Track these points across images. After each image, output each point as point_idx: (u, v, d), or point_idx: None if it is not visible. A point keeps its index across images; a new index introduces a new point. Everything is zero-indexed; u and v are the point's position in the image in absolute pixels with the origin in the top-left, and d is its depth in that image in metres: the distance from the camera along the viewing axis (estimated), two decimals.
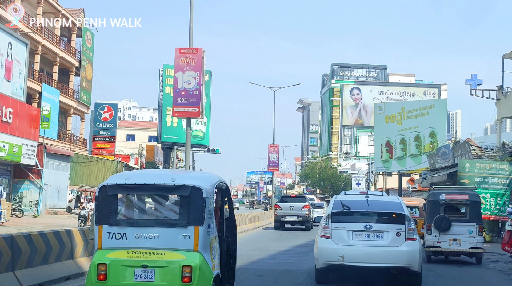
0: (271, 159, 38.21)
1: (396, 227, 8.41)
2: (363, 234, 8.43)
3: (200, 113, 14.18)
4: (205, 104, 55.46)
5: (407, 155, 49.63)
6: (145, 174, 6.61)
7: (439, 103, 49.41)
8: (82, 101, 38.33)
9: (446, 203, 12.73)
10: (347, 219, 8.68)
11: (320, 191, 75.76)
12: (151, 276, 5.56)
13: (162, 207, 6.02)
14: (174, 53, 13.55)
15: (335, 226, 8.54)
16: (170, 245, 5.66)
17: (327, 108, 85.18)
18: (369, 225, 8.45)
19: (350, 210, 8.73)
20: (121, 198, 5.91)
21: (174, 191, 5.83)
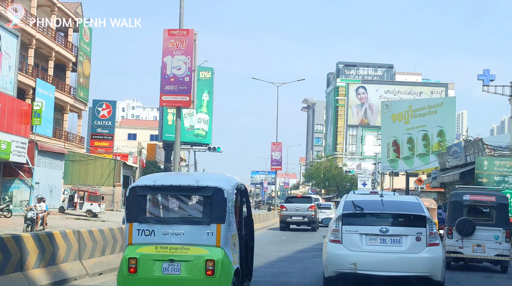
0: (274, 158, 36.74)
1: (415, 230, 7.56)
2: (378, 238, 7.58)
3: (191, 103, 12.70)
4: (207, 102, 55.01)
5: (415, 155, 48.26)
6: (171, 176, 7.12)
7: (448, 101, 47.98)
8: (79, 98, 37.13)
9: (470, 205, 11.65)
10: (360, 221, 7.81)
11: (325, 191, 74.49)
12: (177, 269, 6.04)
13: (186, 206, 6.47)
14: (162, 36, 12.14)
15: (346, 229, 7.68)
16: (194, 241, 6.14)
17: (332, 107, 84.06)
18: (385, 228, 7.59)
19: (363, 211, 7.87)
20: (149, 198, 6.35)
21: (197, 192, 6.31)
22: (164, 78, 12.15)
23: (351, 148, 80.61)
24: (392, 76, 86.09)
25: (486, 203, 11.68)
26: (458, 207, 11.56)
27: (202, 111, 53.70)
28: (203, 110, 53.74)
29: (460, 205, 11.57)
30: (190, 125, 53.38)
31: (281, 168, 37.04)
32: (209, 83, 53.81)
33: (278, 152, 36.13)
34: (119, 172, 35.52)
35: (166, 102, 12.32)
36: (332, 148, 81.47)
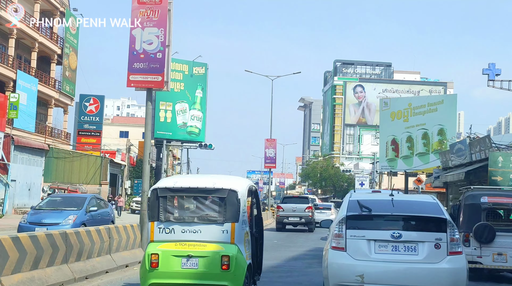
0: (268, 155, 35.00)
1: (434, 236, 6.45)
2: (389, 245, 6.47)
3: (164, 84, 10.91)
4: (200, 99, 53.41)
5: (414, 154, 46.76)
6: (190, 178, 7.62)
7: (448, 99, 46.40)
8: (65, 92, 35.41)
9: (489, 208, 10.41)
10: (367, 224, 6.68)
11: (322, 192, 73.15)
12: (195, 264, 6.56)
13: (203, 206, 6.90)
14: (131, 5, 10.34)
15: (351, 234, 6.57)
16: (210, 238, 6.67)
17: (329, 106, 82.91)
18: (398, 233, 6.45)
19: (372, 213, 6.72)
20: (169, 198, 6.88)
21: (214, 193, 6.85)
22: (132, 55, 10.36)
23: (348, 147, 79.51)
24: (390, 74, 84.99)
25: (508, 206, 10.56)
26: (475, 210, 10.30)
27: (195, 108, 52.13)
28: (197, 107, 52.17)
29: (478, 208, 10.31)
30: (183, 123, 51.81)
31: (275, 165, 35.38)
32: (202, 79, 52.25)
33: (272, 149, 34.44)
34: (106, 169, 33.88)
35: (134, 83, 10.52)
36: (329, 147, 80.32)
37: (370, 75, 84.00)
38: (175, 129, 50.98)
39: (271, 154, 34.56)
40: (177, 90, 51.15)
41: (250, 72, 39.37)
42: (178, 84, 51.14)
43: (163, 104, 50.51)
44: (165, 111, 50.66)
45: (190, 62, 51.34)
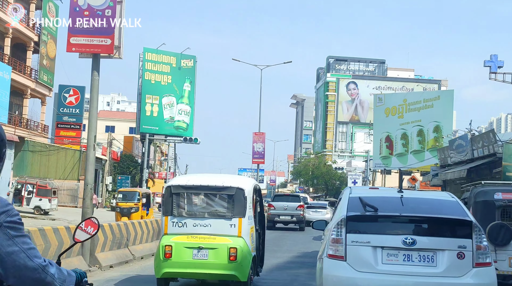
0: (256, 150, 33.02)
1: (457, 243, 5.26)
2: (400, 254, 5.25)
3: (115, 49, 8.87)
4: (188, 93, 51.45)
5: (409, 151, 45.40)
6: (201, 177, 8.21)
7: (445, 95, 44.95)
8: (42, 82, 33.40)
9: (504, 205, 9.09)
10: (372, 227, 5.49)
11: (314, 190, 71.65)
12: (205, 255, 7.29)
13: (213, 202, 7.67)
14: None
15: (352, 240, 5.35)
16: (219, 232, 7.45)
17: (322, 103, 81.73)
18: (411, 239, 5.21)
19: (378, 213, 5.44)
20: (182, 195, 7.64)
21: (223, 190, 7.68)
22: (74, 11, 8.41)
23: (341, 145, 78.28)
24: (384, 71, 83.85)
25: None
26: (488, 208, 9.05)
27: (183, 102, 50.19)
28: (184, 101, 50.22)
29: (491, 206, 9.06)
30: (170, 117, 49.86)
31: (263, 161, 33.54)
32: (191, 72, 50.30)
33: (260, 143, 32.56)
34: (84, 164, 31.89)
35: (77, 46, 8.52)
36: (321, 145, 79.13)
37: (364, 72, 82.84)
38: (162, 124, 49.04)
39: (259, 148, 32.65)
40: (164, 83, 49.24)
41: (238, 61, 37.49)
42: (165, 77, 49.22)
43: (149, 98, 48.55)
44: (152, 105, 48.69)
45: (178, 55, 49.42)
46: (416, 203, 5.75)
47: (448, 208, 5.61)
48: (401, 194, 5.82)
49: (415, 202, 5.76)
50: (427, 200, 5.97)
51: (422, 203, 5.84)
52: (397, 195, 5.78)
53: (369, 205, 5.41)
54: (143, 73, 48.24)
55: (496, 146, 21.12)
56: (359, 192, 6.12)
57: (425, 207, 5.69)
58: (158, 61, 48.90)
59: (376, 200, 5.63)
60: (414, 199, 5.87)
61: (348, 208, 5.52)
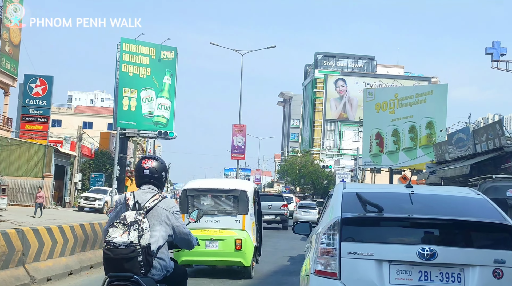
0: (236, 144, 30.29)
1: (492, 256, 3.82)
2: (415, 271, 3.82)
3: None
4: (169, 86, 48.70)
5: (400, 149, 43.26)
6: (211, 181, 10.03)
7: (438, 89, 42.69)
8: (4, 70, 30.60)
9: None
10: (376, 234, 3.99)
11: (300, 190, 69.48)
12: (216, 246, 8.86)
13: (221, 202, 9.27)
14: None
15: (349, 250, 3.91)
16: (227, 226, 9.04)
17: (310, 100, 79.91)
18: (430, 250, 3.79)
19: (384, 214, 3.98)
20: (196, 196, 9.30)
21: (229, 192, 9.33)
22: None
23: (329, 143, 76.43)
24: (373, 68, 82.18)
25: None
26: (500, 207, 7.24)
27: (163, 96, 47.55)
28: (165, 95, 47.59)
29: (503, 204, 8.14)
30: (149, 112, 47.18)
31: (244, 156, 30.89)
32: (171, 64, 47.65)
33: (241, 137, 29.91)
34: (50, 160, 29.22)
35: None
36: (308, 143, 77.28)
37: (353, 68, 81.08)
38: (140, 119, 46.43)
39: (239, 142, 30.01)
40: (143, 76, 46.56)
41: (217, 45, 34.77)
42: (144, 69, 46.55)
43: (127, 91, 45.91)
44: (129, 99, 46.06)
45: (158, 46, 46.75)
46: (432, 201, 4.43)
47: (476, 208, 4.30)
48: (410, 189, 4.46)
49: (430, 200, 4.45)
50: (446, 198, 4.57)
51: (440, 201, 4.46)
52: (405, 190, 4.44)
53: (371, 203, 4.06)
54: (121, 65, 45.56)
55: (503, 139, 18.84)
56: (355, 187, 4.73)
57: (445, 207, 4.31)
58: (136, 52, 46.25)
59: (379, 196, 4.29)
60: (428, 196, 4.60)
61: (342, 208, 4.17)
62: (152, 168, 4.05)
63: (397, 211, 4.14)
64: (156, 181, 4.06)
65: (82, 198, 29.03)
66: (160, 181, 4.08)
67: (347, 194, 4.38)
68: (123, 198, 4.01)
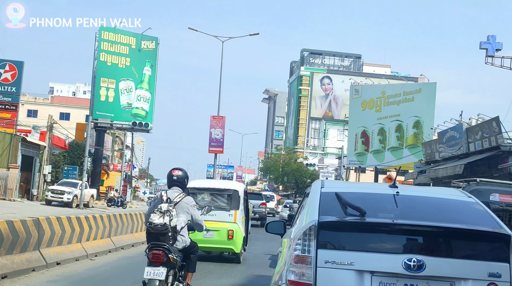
0: (214, 136, 28.52)
1: (487, 268, 3.48)
2: (400, 283, 3.47)
3: None
4: (149, 77, 46.75)
5: (386, 148, 42.11)
6: (209, 182, 12.83)
7: (427, 88, 41.58)
8: None
9: (501, 209, 8.36)
10: (358, 241, 3.57)
11: (283, 188, 68.21)
12: (212, 235, 10.61)
13: (217, 199, 11.14)
14: None
15: (326, 259, 3.54)
16: (221, 219, 10.86)
17: (295, 98, 78.89)
18: (417, 260, 3.44)
19: (367, 220, 3.59)
20: (196, 194, 10.96)
21: (224, 191, 11.25)
22: None
23: (313, 141, 75.39)
24: (360, 67, 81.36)
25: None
26: None
27: (142, 88, 45.61)
28: (144, 86, 45.67)
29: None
30: (128, 103, 45.24)
31: (222, 150, 29.24)
32: (152, 55, 45.76)
33: (219, 129, 28.25)
34: (16, 150, 27.37)
35: None
36: (292, 141, 76.22)
37: (339, 67, 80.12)
38: (118, 110, 44.55)
39: (217, 135, 28.34)
40: (122, 66, 44.59)
41: (196, 31, 33.06)
42: (123, 59, 44.62)
43: (105, 81, 43.98)
44: (107, 90, 44.12)
45: (138, 35, 44.88)
46: (420, 205, 4.04)
47: (468, 213, 3.97)
48: (395, 189, 4.07)
49: (417, 203, 4.06)
50: (435, 200, 4.17)
51: (428, 204, 4.08)
52: (390, 191, 4.05)
53: (353, 206, 3.67)
54: (98, 54, 43.62)
55: (500, 137, 17.55)
56: (334, 186, 4.41)
57: (434, 211, 3.95)
58: (115, 41, 44.31)
59: (361, 198, 3.93)
60: (415, 198, 4.18)
61: (320, 210, 3.78)
62: (178, 176, 6.01)
63: (381, 215, 3.79)
64: (181, 184, 6.00)
65: (49, 191, 27.23)
66: (183, 184, 6.06)
67: (325, 194, 3.97)
68: (159, 195, 5.93)
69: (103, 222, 10.98)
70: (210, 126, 28.73)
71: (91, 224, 10.33)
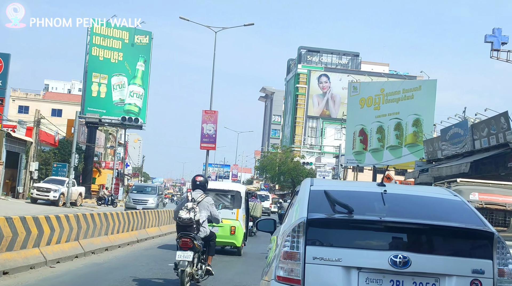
0: (206, 132, 27.23)
1: (470, 265, 3.61)
2: (386, 280, 3.59)
3: None
4: (142, 73, 45.58)
5: (385, 147, 41.02)
6: (215, 183, 14.22)
7: (427, 85, 40.43)
8: None
9: (480, 208, 8.28)
10: (345, 238, 3.72)
11: (279, 187, 67.17)
12: (216, 230, 9.94)
13: (222, 199, 12.43)
14: None
15: (315, 255, 3.67)
16: (225, 216, 11.59)
17: (292, 96, 77.92)
18: (403, 257, 3.55)
19: (354, 217, 3.75)
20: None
21: (228, 192, 12.84)
22: None
23: (310, 140, 74.49)
24: (358, 65, 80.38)
25: (504, 206, 8.59)
26: None
27: (135, 83, 44.56)
28: (137, 82, 44.61)
29: None
30: (120, 99, 44.19)
31: (214, 146, 28.03)
32: (145, 50, 44.67)
33: (211, 124, 27.02)
34: (0, 146, 26.22)
35: None
36: (289, 140, 75.31)
37: (336, 65, 79.05)
38: (110, 106, 43.41)
39: (209, 130, 27.12)
40: (114, 61, 43.47)
41: (187, 20, 31.86)
42: (115, 54, 43.50)
43: (97, 77, 42.86)
44: (99, 85, 43.02)
45: (132, 29, 43.74)
46: (407, 203, 4.11)
47: (453, 212, 4.02)
48: (383, 188, 4.12)
49: (404, 201, 4.12)
50: (421, 199, 4.21)
51: (415, 202, 4.12)
52: (377, 189, 4.13)
53: (341, 203, 3.78)
54: (90, 48, 42.51)
55: (508, 134, 16.49)
56: (323, 184, 4.36)
57: (421, 209, 3.99)
58: (108, 35, 43.14)
59: (350, 196, 4.00)
60: (402, 196, 4.23)
61: (309, 207, 3.87)
62: (200, 181, 8.02)
63: (368, 212, 3.93)
64: (202, 187, 7.95)
65: (35, 189, 26.10)
66: (204, 187, 8.06)
67: (314, 192, 4.12)
68: (185, 196, 7.94)
69: (69, 223, 9.65)
70: (202, 122, 27.52)
71: (53, 225, 9.00)
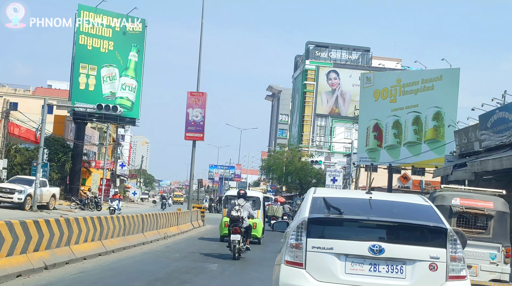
0: (192, 118, 22.49)
1: (429, 252, 4.98)
2: (366, 263, 5.02)
3: None
4: (135, 64, 41.21)
5: (402, 143, 36.99)
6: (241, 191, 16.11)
7: (449, 74, 36.23)
8: None
9: (460, 212, 8.98)
10: (337, 232, 5.19)
11: (286, 188, 63.35)
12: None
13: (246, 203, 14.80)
14: None
15: (313, 245, 5.11)
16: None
17: (300, 93, 74.33)
18: (379, 246, 4.97)
19: (344, 216, 5.19)
20: (231, 199, 16.99)
21: (251, 198, 16.87)
22: None
23: (319, 139, 70.76)
24: (369, 61, 76.55)
25: (482, 210, 8.99)
26: (444, 214, 7.59)
27: (128, 75, 40.65)
28: (130, 73, 40.72)
29: (447, 212, 9.03)
30: (111, 93, 40.34)
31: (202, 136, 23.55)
32: (139, 39, 40.81)
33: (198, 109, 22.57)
34: None
35: None
36: (297, 140, 71.78)
37: (346, 60, 75.31)
38: (100, 100, 38.99)
39: (196, 116, 22.70)
40: (104, 51, 39.61)
41: None
42: (105, 43, 39.67)
43: (85, 67, 39.06)
44: (87, 77, 39.21)
45: (123, 16, 39.97)
46: (386, 207, 5.55)
47: (421, 213, 5.37)
48: (369, 195, 5.61)
49: (384, 206, 5.55)
50: (398, 204, 5.66)
51: (393, 206, 5.56)
52: (365, 196, 5.59)
53: (334, 206, 5.22)
54: (77, 36, 38.84)
55: None
56: (324, 192, 5.88)
57: (396, 211, 5.40)
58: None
59: (342, 201, 5.47)
60: (384, 202, 5.69)
61: (310, 210, 5.37)
62: (243, 193, 14.43)
63: (354, 213, 5.21)
64: (243, 197, 14.00)
65: (1, 191, 22.32)
66: (245, 196, 14.15)
67: (315, 198, 5.56)
68: (234, 203, 13.96)
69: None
70: (187, 106, 23.13)
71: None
